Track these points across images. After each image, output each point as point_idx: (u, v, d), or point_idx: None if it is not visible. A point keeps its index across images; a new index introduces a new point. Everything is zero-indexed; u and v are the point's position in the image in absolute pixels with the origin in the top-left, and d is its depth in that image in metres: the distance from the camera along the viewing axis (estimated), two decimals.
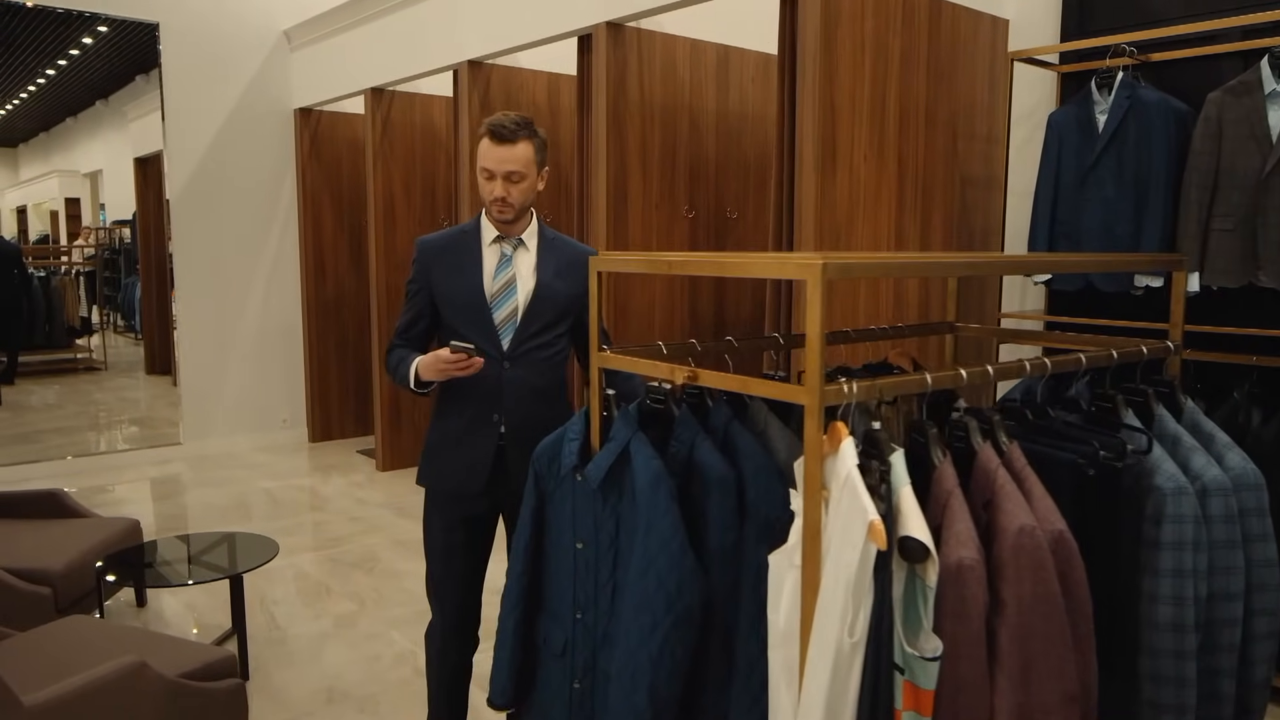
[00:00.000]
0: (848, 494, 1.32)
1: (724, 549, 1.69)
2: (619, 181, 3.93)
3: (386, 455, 5.81)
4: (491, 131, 2.14)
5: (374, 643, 3.35)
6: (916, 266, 1.67)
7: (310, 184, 6.41)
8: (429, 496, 2.35)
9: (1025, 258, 2.23)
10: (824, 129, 3.06)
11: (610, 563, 1.81)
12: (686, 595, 1.62)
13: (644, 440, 1.74)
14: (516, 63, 4.86)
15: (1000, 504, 1.44)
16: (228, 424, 6.36)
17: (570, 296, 2.26)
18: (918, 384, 1.49)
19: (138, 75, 6.33)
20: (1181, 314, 2.03)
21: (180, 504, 5.14)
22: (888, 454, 1.42)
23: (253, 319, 6.42)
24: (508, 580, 1.99)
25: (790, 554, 1.48)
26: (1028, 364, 1.65)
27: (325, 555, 4.26)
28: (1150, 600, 1.69)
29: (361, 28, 5.61)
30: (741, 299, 4.47)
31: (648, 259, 1.65)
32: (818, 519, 1.38)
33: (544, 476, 1.96)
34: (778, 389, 1.43)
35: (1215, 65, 3.10)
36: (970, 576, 1.35)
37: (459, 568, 2.32)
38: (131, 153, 6.50)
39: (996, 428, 1.57)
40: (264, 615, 3.57)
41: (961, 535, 1.37)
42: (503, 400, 2.22)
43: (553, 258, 2.27)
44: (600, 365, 1.82)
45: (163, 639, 2.47)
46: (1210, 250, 2.91)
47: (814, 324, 1.33)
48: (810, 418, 1.36)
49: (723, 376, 1.54)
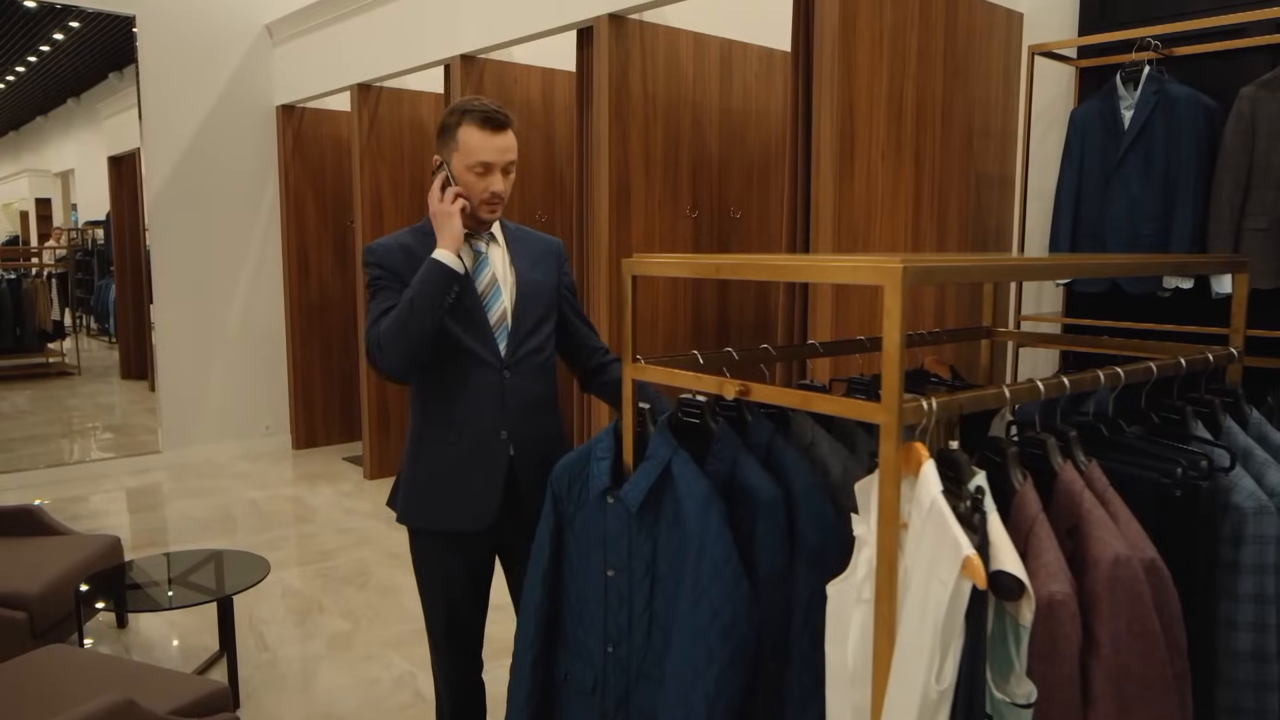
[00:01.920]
0: (933, 524, 1.19)
1: (773, 575, 1.56)
2: (622, 181, 3.79)
3: (374, 463, 5.63)
4: (485, 118, 1.88)
5: (371, 665, 3.19)
6: (1001, 269, 1.54)
7: (293, 183, 6.22)
8: (419, 539, 2.07)
9: (1102, 260, 2.08)
10: (842, 126, 2.93)
11: (646, 591, 1.67)
12: (743, 627, 1.49)
13: (687, 459, 1.61)
14: (510, 57, 4.70)
15: (1089, 531, 1.31)
16: (209, 431, 6.15)
17: (550, 288, 2.06)
18: (995, 398, 1.36)
19: (111, 73, 6.15)
20: (1243, 319, 1.92)
21: (161, 516, 4.94)
22: (968, 477, 1.29)
23: (234, 322, 6.21)
24: (523, 614, 1.84)
25: (859, 587, 1.34)
26: (1101, 375, 1.53)
27: (315, 570, 4.09)
28: (1229, 627, 1.58)
29: (347, 22, 5.43)
30: (745, 301, 4.34)
31: (690, 261, 1.51)
32: (894, 550, 1.25)
33: (564, 499, 1.82)
34: (848, 406, 1.30)
35: (1240, 60, 3.00)
36: (1063, 612, 1.22)
37: (465, 616, 2.10)
38: (105, 151, 6.32)
39: (1074, 445, 1.45)
40: (253, 635, 3.40)
41: (1051, 567, 1.25)
42: (507, 414, 1.98)
43: (523, 249, 2.06)
44: (633, 377, 1.68)
45: (150, 671, 2.30)
46: (1243, 250, 2.82)
47: (893, 333, 1.20)
48: (888, 438, 1.22)
49: (779, 391, 1.40)
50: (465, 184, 1.92)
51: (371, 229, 5.50)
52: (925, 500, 1.21)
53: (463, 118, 1.90)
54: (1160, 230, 2.96)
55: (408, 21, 4.92)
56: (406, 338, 1.85)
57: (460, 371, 1.96)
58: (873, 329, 3.12)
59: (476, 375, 1.96)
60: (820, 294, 3.00)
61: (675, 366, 1.68)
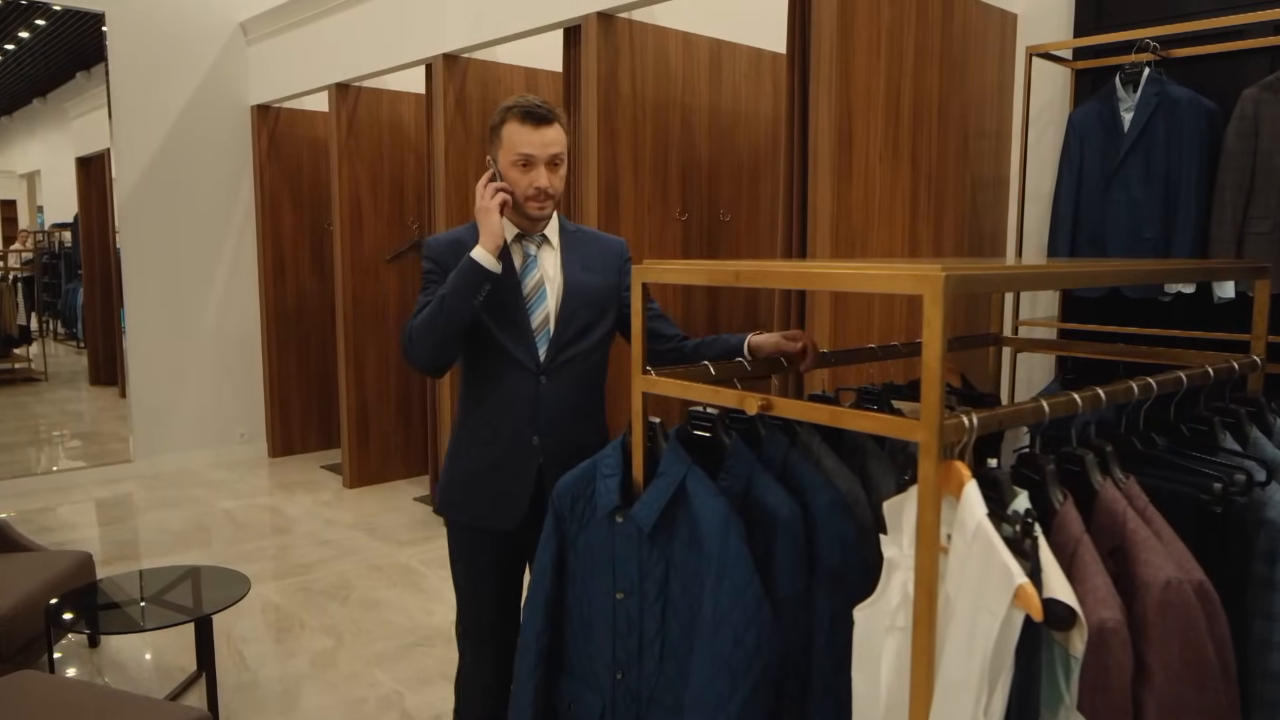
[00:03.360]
0: (979, 549, 1.11)
1: (793, 597, 1.49)
2: (610, 183, 3.70)
3: (354, 471, 5.50)
4: (526, 113, 1.89)
5: (356, 684, 3.08)
6: (1045, 278, 1.47)
7: (269, 184, 6.07)
8: (453, 532, 2.08)
9: (1142, 265, 2.02)
10: (840, 126, 2.87)
11: (658, 615, 1.59)
12: (766, 652, 1.42)
13: (701, 476, 1.53)
14: (494, 57, 4.61)
15: (1135, 552, 1.24)
16: (182, 439, 5.99)
17: (604, 290, 2.02)
18: (1034, 413, 1.29)
19: (79, 72, 5.99)
20: (1265, 326, 1.87)
21: (132, 528, 4.79)
22: (1010, 498, 1.22)
23: (208, 327, 6.06)
24: (524, 639, 1.76)
25: (892, 614, 1.27)
26: (1135, 386, 1.47)
27: (295, 584, 3.96)
28: (1263, 647, 1.51)
29: (325, 20, 5.31)
30: (735, 305, 4.27)
31: (708, 268, 1.43)
32: (934, 576, 1.17)
33: (566, 519, 1.73)
34: (886, 423, 1.22)
35: (1237, 62, 2.97)
36: (1114, 640, 1.16)
37: (496, 613, 2.06)
38: (73, 152, 6.15)
39: (1110, 460, 1.39)
40: (231, 654, 3.27)
41: (1100, 592, 1.18)
42: (539, 420, 1.96)
43: (578, 251, 2.03)
44: (644, 390, 1.59)
45: (127, 699, 2.18)
46: (1246, 254, 2.78)
47: (934, 345, 1.13)
48: (928, 457, 1.15)
49: (807, 406, 1.33)
50: (510, 180, 1.91)
51: (350, 232, 5.37)
52: (969, 523, 1.13)
53: (506, 114, 1.90)
54: (1162, 234, 2.92)
55: (389, 19, 4.80)
56: (434, 332, 1.86)
57: (496, 373, 1.96)
58: (869, 334, 3.06)
59: (512, 378, 1.96)
60: (819, 299, 2.93)
61: (688, 379, 1.60)
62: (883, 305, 3.11)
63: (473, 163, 4.57)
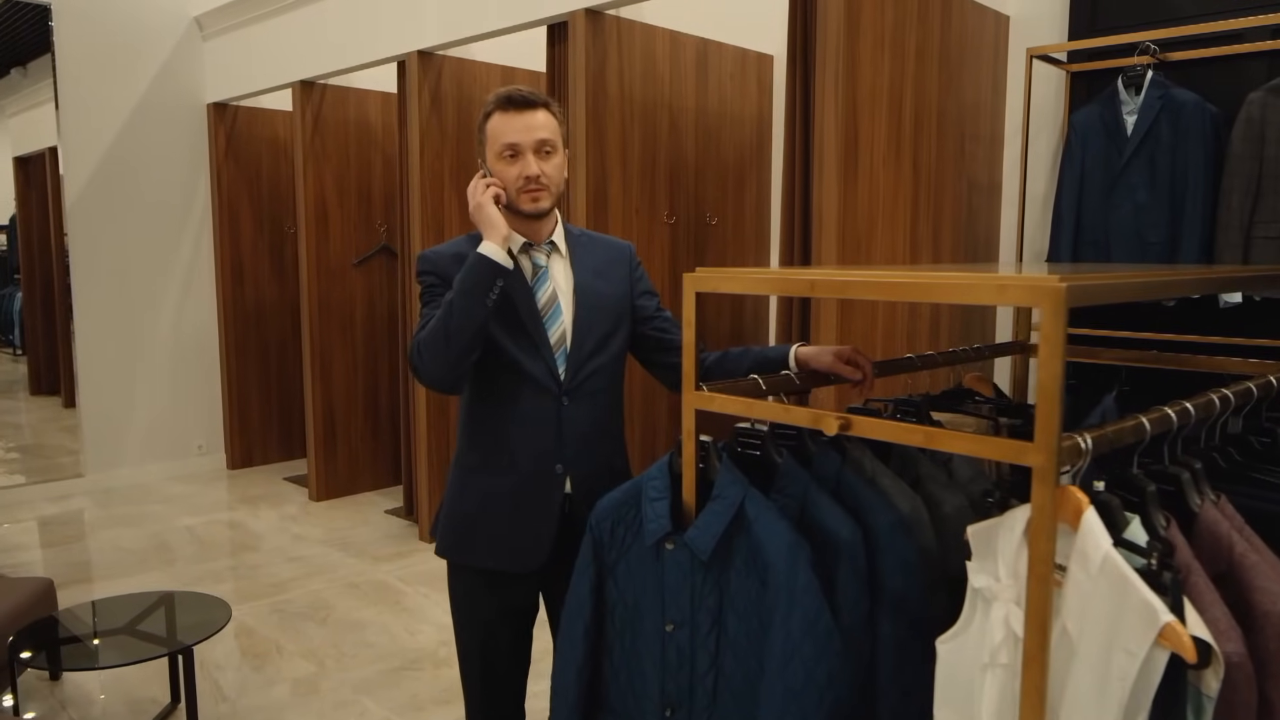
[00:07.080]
0: (1107, 583, 1.03)
1: (856, 625, 1.39)
2: (599, 185, 3.59)
3: (321, 483, 5.29)
4: (506, 99, 1.72)
5: (343, 713, 2.91)
6: (1167, 285, 1.39)
7: (227, 185, 5.83)
8: (458, 576, 1.87)
9: (1234, 272, 1.96)
10: (846, 128, 2.79)
11: (712, 647, 1.48)
12: (838, 687, 1.33)
13: (761, 499, 1.43)
14: (470, 55, 4.46)
15: (1249, 579, 1.17)
16: (136, 451, 5.71)
17: (617, 298, 1.87)
18: (1135, 430, 1.21)
19: (14, 68, 5.70)
20: None
21: (85, 548, 4.53)
22: (1122, 525, 1.13)
23: (163, 334, 5.79)
24: (560, 677, 1.63)
25: (993, 650, 1.18)
26: (1215, 399, 1.40)
27: (268, 605, 3.77)
28: None
29: (287, 15, 5.10)
30: (721, 311, 4.18)
31: (776, 278, 1.33)
32: (1048, 612, 1.08)
33: (606, 546, 1.61)
34: (991, 445, 1.13)
35: (1236, 65, 2.97)
36: (1239, 676, 1.08)
37: (504, 664, 1.88)
38: (10, 151, 5.86)
39: (1199, 478, 1.32)
40: (207, 683, 3.08)
41: (1220, 624, 1.10)
42: (563, 445, 1.79)
43: (588, 257, 1.87)
44: (697, 406, 1.49)
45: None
46: (1253, 259, 2.77)
47: (1053, 363, 1.04)
48: (1043, 482, 1.06)
49: (898, 427, 1.23)
50: (499, 175, 1.75)
51: (316, 235, 5.17)
52: (1094, 555, 1.05)
53: (489, 108, 1.75)
54: (1168, 238, 2.89)
55: (359, 14, 4.62)
56: (447, 342, 1.66)
57: (513, 396, 1.77)
58: (874, 342, 2.99)
59: (531, 401, 1.77)
60: (824, 305, 2.86)
61: (739, 394, 1.49)
62: (886, 311, 3.04)
63: (448, 164, 4.42)
